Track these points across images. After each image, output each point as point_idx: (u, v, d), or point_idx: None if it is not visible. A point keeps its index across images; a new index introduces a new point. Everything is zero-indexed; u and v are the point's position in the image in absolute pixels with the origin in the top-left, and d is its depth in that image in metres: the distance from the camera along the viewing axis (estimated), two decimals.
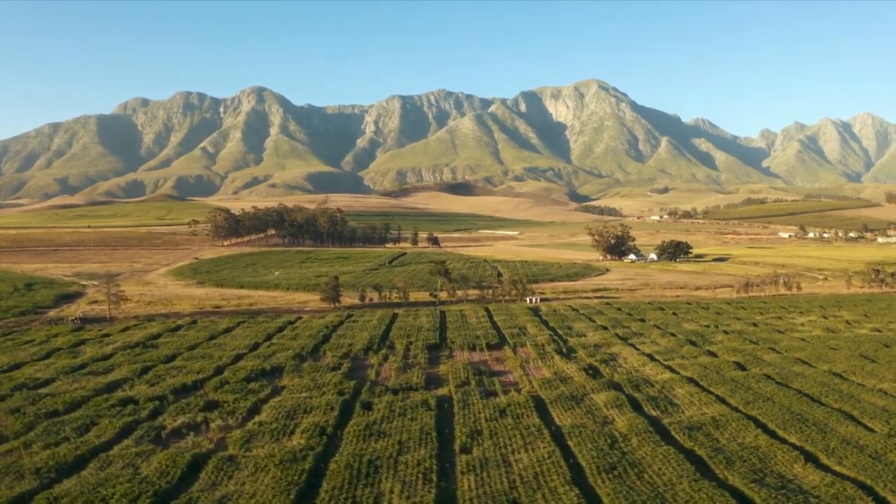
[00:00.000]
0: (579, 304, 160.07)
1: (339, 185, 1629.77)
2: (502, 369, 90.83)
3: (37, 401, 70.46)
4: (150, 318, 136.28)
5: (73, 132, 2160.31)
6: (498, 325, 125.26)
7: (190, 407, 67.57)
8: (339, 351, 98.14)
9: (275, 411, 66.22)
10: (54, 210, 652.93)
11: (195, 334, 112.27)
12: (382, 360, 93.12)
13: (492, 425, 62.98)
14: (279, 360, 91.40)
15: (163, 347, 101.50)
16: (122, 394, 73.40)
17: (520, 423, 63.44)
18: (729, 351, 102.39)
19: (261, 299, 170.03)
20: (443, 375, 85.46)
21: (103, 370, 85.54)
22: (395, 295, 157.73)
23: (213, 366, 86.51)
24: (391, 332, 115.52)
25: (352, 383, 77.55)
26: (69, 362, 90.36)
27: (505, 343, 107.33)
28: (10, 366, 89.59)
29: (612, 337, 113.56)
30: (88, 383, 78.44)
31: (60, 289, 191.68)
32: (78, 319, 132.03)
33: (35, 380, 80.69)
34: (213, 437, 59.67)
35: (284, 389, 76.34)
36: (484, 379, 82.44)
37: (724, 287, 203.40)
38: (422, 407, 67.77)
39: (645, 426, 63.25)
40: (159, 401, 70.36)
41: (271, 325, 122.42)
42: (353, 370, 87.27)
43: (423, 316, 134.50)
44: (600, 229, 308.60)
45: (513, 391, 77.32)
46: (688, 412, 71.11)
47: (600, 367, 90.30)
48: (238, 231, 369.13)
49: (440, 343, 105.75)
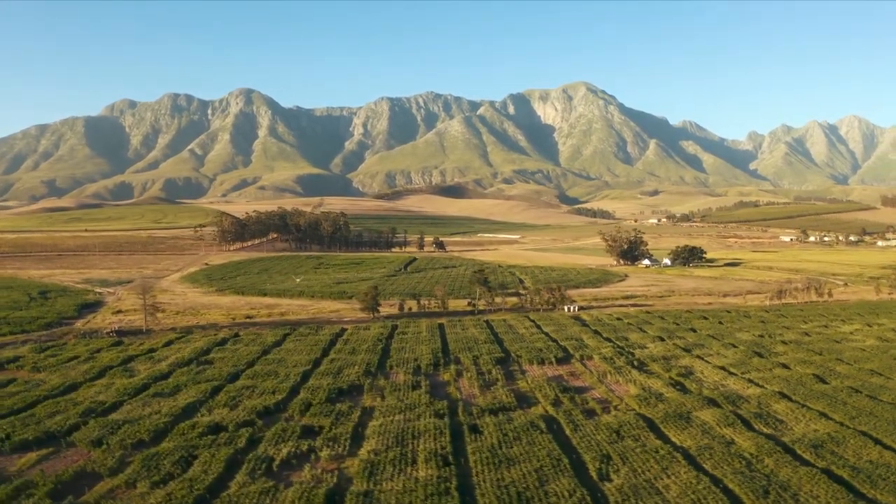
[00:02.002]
0: (618, 312, 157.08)
1: (328, 188, 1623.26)
2: (582, 384, 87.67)
3: (115, 429, 65.93)
4: (188, 330, 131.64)
5: (60, 134, 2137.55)
6: (551, 335, 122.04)
7: (287, 434, 63.56)
8: (407, 366, 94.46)
9: (381, 437, 62.54)
10: (47, 213, 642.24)
11: (246, 349, 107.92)
12: (456, 376, 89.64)
13: (616, 448, 60.64)
14: (350, 377, 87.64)
15: (218, 363, 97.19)
16: (203, 419, 69.11)
17: (643, 446, 61.16)
18: (799, 363, 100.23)
19: (290, 308, 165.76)
20: (527, 392, 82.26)
21: (170, 391, 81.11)
22: (433, 304, 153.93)
23: (285, 385, 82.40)
24: (448, 344, 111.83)
25: (443, 403, 73.93)
26: (127, 382, 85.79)
27: (570, 356, 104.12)
28: (65, 386, 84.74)
29: (675, 349, 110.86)
30: (161, 407, 74.10)
31: (77, 297, 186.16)
32: (113, 332, 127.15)
33: (100, 403, 75.99)
34: (328, 468, 55.88)
35: (375, 411, 72.62)
36: (576, 397, 79.32)
37: (751, 294, 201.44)
38: (532, 429, 64.85)
39: (771, 446, 61.44)
40: (249, 427, 66.28)
41: (319, 337, 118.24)
42: (433, 387, 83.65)
43: (471, 326, 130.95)
44: (613, 234, 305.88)
45: (613, 409, 74.71)
46: (797, 428, 69.30)
47: (685, 382, 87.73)
48: (243, 236, 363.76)
49: (506, 357, 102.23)
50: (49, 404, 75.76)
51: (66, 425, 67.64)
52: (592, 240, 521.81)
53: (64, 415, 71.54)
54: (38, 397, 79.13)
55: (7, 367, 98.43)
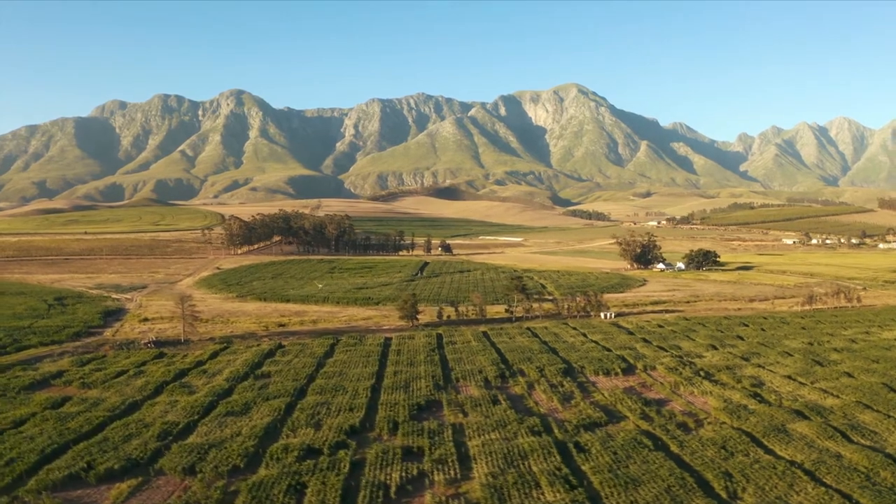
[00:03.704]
0: (656, 319, 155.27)
1: (320, 189, 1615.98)
2: (658, 396, 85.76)
3: (203, 454, 62.49)
4: (227, 339, 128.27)
5: (50, 135, 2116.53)
6: (601, 344, 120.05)
7: (389, 456, 60.85)
8: (473, 379, 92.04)
9: (489, 458, 60.15)
10: (43, 215, 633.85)
11: (298, 360, 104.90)
12: (528, 389, 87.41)
13: (732, 465, 59.14)
14: (421, 391, 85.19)
15: (276, 377, 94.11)
16: (293, 440, 65.95)
17: (757, 462, 59.94)
18: (862, 371, 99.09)
19: (320, 316, 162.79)
20: (608, 406, 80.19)
21: (240, 410, 77.64)
22: (471, 311, 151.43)
23: (359, 401, 79.53)
24: (503, 354, 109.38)
25: (534, 420, 71.56)
26: (191, 400, 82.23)
27: (633, 367, 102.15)
28: (126, 405, 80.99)
29: (732, 358, 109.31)
30: (240, 428, 70.79)
31: (96, 304, 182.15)
32: (151, 343, 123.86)
33: (172, 424, 72.23)
34: (448, 493, 53.40)
35: (466, 428, 70.14)
36: (662, 410, 77.58)
37: (778, 299, 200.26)
38: (639, 446, 63.24)
39: (881, 458, 60.60)
40: (343, 448, 63.49)
41: (367, 348, 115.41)
42: (511, 401, 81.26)
43: (517, 335, 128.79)
44: (627, 238, 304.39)
45: (705, 423, 73.22)
46: (892, 439, 68.12)
47: (761, 393, 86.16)
48: (251, 239, 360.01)
49: (568, 368, 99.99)
50: (118, 426, 72.13)
51: (147, 451, 64.32)
52: (597, 242, 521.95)
53: (139, 438, 68.12)
54: (104, 418, 75.40)
55: (53, 384, 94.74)
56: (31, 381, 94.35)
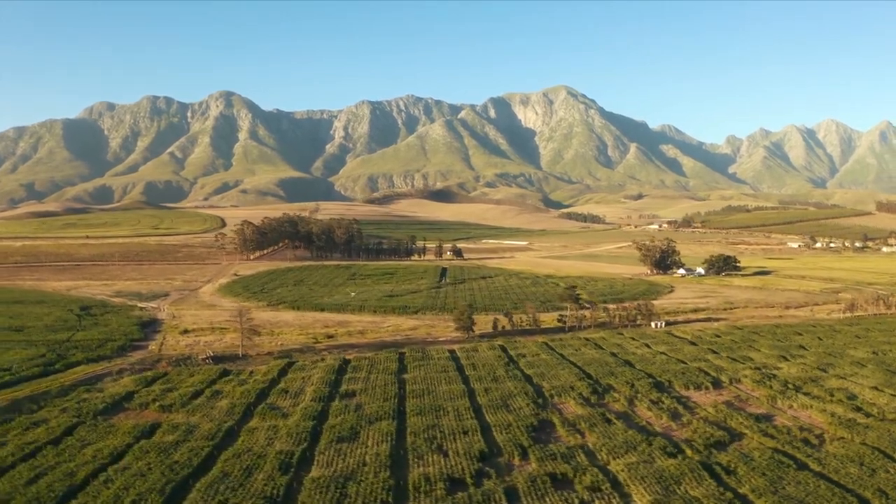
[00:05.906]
0: (707, 328, 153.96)
1: (311, 191, 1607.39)
2: (760, 412, 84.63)
3: (343, 490, 58.13)
4: (286, 354, 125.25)
5: (38, 136, 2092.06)
6: (670, 355, 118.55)
7: (538, 484, 58.66)
8: (567, 395, 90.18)
9: (643, 484, 58.51)
10: (37, 218, 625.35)
11: (376, 378, 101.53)
12: (629, 405, 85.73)
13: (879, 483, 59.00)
14: (524, 409, 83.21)
15: (363, 397, 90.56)
16: (429, 470, 62.94)
17: None
18: None
19: (364, 326, 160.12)
20: (721, 423, 78.65)
21: (349, 435, 73.57)
22: (524, 320, 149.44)
23: (468, 424, 76.60)
24: (583, 368, 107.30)
25: (659, 440, 70.08)
26: (290, 424, 77.69)
27: (719, 380, 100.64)
28: (223, 432, 75.92)
29: (809, 369, 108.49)
30: (363, 456, 66.99)
31: (126, 314, 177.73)
32: (209, 358, 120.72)
33: (287, 454, 67.40)
34: None
35: (596, 451, 68.28)
36: (776, 425, 77.05)
37: (815, 305, 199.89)
38: (783, 466, 62.85)
39: None
40: (486, 478, 61.30)
41: (438, 363, 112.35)
42: (624, 419, 79.49)
43: (581, 346, 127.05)
44: (647, 243, 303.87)
45: (828, 440, 72.32)
46: None
47: (862, 406, 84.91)
48: (263, 244, 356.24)
49: (655, 382, 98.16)
50: (230, 458, 67.18)
51: (278, 487, 59.84)
52: (604, 246, 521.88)
53: (262, 472, 63.40)
54: (208, 447, 70.66)
55: (128, 407, 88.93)
56: (104, 404, 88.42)
